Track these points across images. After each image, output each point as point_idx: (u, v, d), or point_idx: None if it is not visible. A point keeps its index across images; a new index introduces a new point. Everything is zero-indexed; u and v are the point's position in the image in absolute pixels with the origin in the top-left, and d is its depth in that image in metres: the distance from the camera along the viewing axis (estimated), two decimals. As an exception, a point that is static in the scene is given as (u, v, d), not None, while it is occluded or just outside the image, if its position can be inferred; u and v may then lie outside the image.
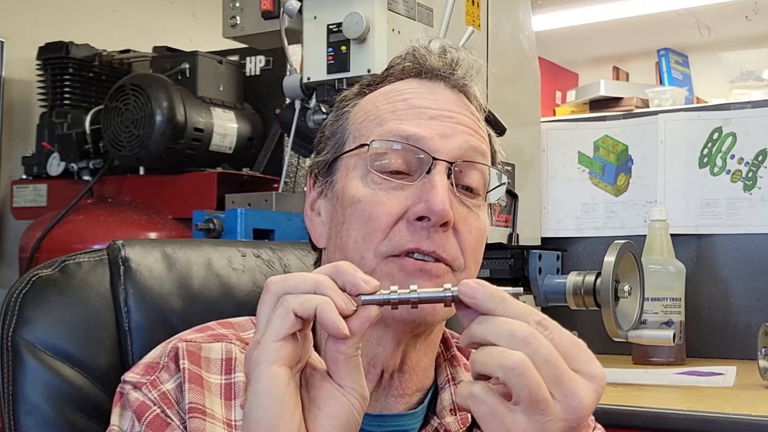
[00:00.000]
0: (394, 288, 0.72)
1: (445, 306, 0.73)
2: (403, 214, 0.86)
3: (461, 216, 0.88)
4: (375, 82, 0.97)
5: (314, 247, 0.99)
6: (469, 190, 0.89)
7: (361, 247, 0.87)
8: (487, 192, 0.92)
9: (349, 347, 0.70)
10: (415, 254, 0.85)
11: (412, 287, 0.72)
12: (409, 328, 0.87)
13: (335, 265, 0.72)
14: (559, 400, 0.67)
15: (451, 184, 0.88)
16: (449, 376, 0.95)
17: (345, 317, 0.69)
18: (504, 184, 0.93)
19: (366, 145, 0.90)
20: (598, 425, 0.99)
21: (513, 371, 0.66)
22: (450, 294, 0.72)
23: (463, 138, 0.89)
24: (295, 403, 0.69)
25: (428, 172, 0.87)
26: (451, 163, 0.87)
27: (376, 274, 0.85)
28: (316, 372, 0.72)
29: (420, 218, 0.85)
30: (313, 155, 1.01)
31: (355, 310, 0.70)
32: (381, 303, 0.71)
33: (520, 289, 0.74)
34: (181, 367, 0.86)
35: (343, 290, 0.71)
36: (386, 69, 0.98)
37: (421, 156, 0.87)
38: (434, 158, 0.87)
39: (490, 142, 0.97)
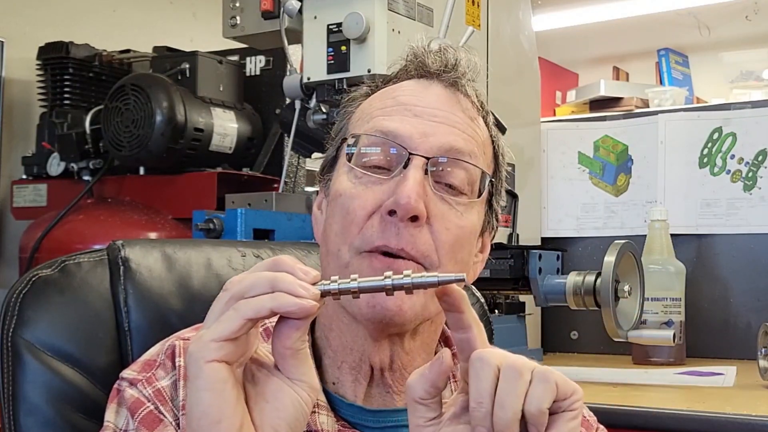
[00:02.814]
0: (334, 278, 0.73)
1: (387, 294, 0.74)
2: (377, 209, 0.87)
3: (439, 212, 0.87)
4: (380, 83, 0.98)
5: None
6: (451, 187, 0.89)
7: (339, 240, 0.88)
8: (480, 193, 0.91)
9: (295, 341, 0.71)
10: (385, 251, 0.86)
11: (353, 276, 0.73)
12: (378, 327, 0.87)
13: (275, 259, 0.73)
14: None
15: (435, 181, 0.88)
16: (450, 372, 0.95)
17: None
18: (487, 185, 0.92)
19: (345, 139, 0.91)
20: (601, 426, 0.99)
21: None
22: (390, 282, 0.72)
23: (446, 137, 0.89)
24: (237, 397, 0.70)
25: (405, 167, 0.87)
26: (428, 159, 0.87)
27: (350, 269, 0.85)
28: (263, 367, 0.73)
29: (391, 213, 0.85)
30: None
31: (321, 295, 0.71)
32: (321, 294, 0.71)
33: (463, 275, 0.73)
34: (177, 364, 0.86)
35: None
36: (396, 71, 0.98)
37: (400, 152, 0.88)
38: (411, 153, 0.87)
39: (492, 142, 0.96)
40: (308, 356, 0.72)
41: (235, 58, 2.60)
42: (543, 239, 2.46)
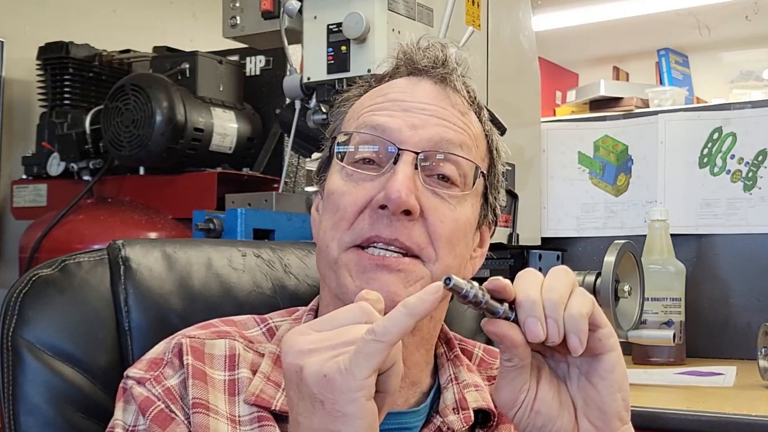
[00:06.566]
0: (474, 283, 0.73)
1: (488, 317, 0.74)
2: (368, 204, 0.87)
3: (432, 206, 0.88)
4: (373, 83, 0.98)
5: None
6: (445, 180, 0.89)
7: (329, 236, 0.89)
8: (473, 184, 0.91)
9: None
10: (378, 243, 0.86)
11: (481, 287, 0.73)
12: None
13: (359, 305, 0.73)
14: None
15: (426, 175, 0.88)
16: (452, 375, 0.95)
17: None
18: (479, 176, 0.92)
19: (335, 138, 0.92)
20: None
21: None
22: (502, 311, 0.73)
23: (435, 129, 0.90)
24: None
25: (395, 162, 0.87)
26: (417, 153, 0.88)
27: (338, 265, 0.87)
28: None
29: (382, 207, 0.86)
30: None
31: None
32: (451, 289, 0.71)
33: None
34: (185, 362, 0.86)
35: None
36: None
37: (390, 147, 0.88)
38: (400, 148, 0.88)
39: (486, 136, 0.97)
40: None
41: (235, 58, 2.60)
42: (543, 239, 2.45)
